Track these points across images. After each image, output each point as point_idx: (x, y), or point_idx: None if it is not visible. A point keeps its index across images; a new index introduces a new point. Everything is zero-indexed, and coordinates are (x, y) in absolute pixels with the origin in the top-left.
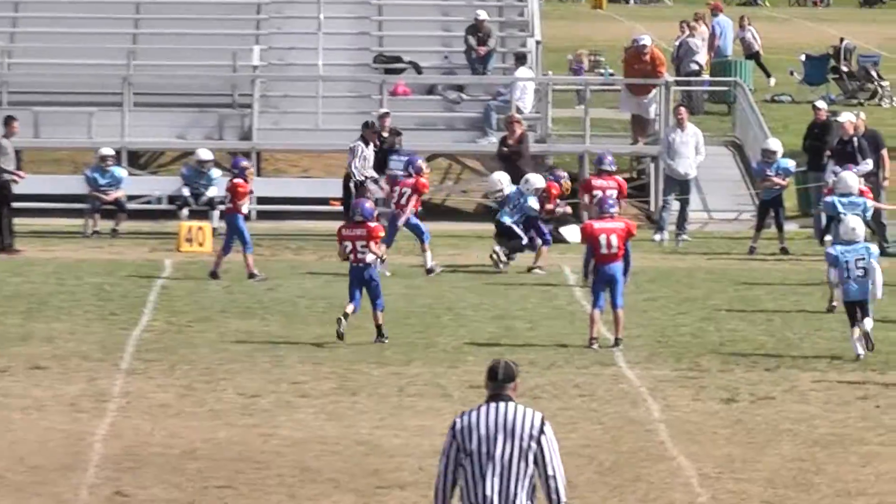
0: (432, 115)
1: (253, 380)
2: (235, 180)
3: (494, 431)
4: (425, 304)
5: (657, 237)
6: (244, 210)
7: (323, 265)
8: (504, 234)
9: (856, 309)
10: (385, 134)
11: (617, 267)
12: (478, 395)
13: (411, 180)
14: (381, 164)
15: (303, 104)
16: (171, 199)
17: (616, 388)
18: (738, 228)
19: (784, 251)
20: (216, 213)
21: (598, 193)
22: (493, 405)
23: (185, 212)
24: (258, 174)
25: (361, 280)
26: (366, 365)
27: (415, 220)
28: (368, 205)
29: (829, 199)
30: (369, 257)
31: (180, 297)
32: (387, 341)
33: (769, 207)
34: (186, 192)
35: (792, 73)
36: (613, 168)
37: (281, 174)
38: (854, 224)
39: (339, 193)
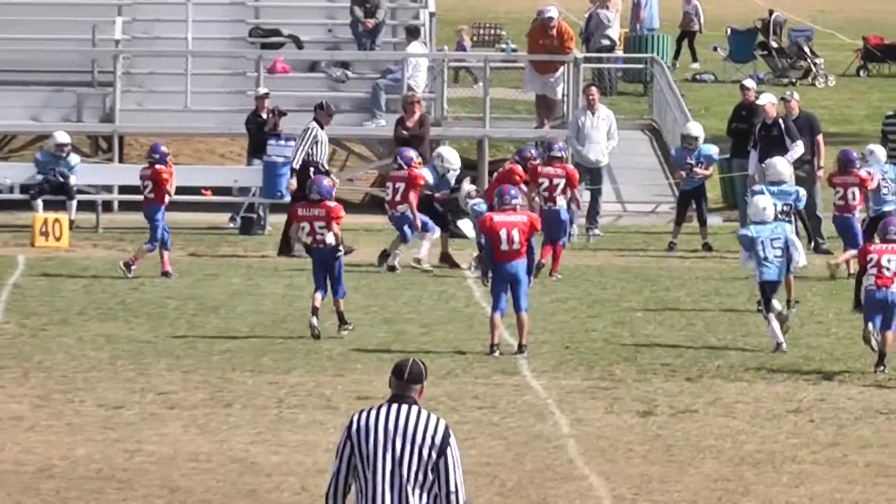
0: (315, 94)
1: (115, 390)
2: (158, 167)
3: (393, 436)
4: (306, 306)
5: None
6: (167, 201)
7: (193, 263)
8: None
9: (771, 292)
10: (264, 115)
11: (520, 265)
12: (364, 406)
13: (402, 172)
14: (258, 149)
15: (170, 82)
16: (25, 189)
17: (520, 399)
18: (656, 222)
19: (707, 247)
20: (74, 204)
21: (545, 182)
22: (394, 406)
23: (39, 202)
24: (120, 160)
25: (324, 263)
26: (241, 373)
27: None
28: (326, 182)
29: (757, 187)
30: (329, 237)
31: (34, 298)
32: (352, 329)
33: (690, 199)
34: (41, 179)
35: (716, 49)
36: (563, 154)
37: (145, 161)
38: (764, 203)
39: (215, 182)
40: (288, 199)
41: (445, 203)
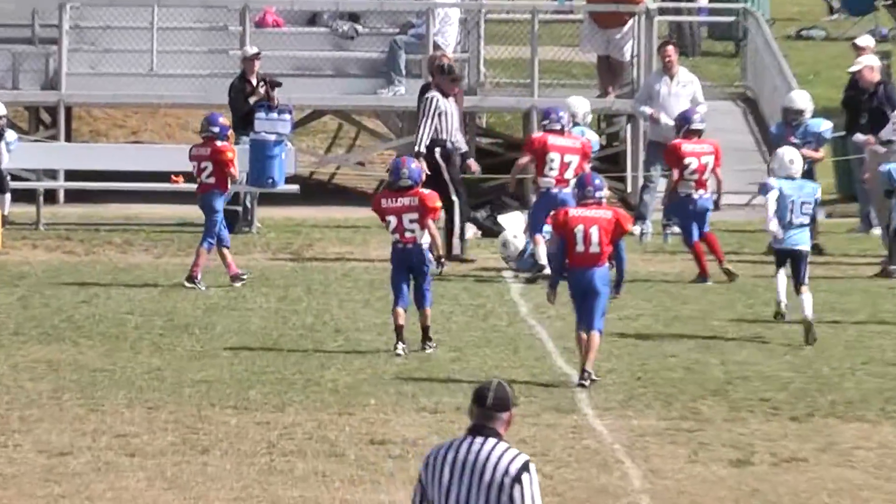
0: (315, 55)
1: (60, 431)
2: (218, 143)
3: (460, 475)
4: (304, 325)
5: (637, 229)
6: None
7: (160, 268)
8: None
9: (786, 260)
10: (253, 81)
11: (598, 274)
12: (380, 454)
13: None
14: (245, 125)
15: (131, 39)
16: None
17: (579, 444)
18: (751, 217)
19: (817, 250)
20: (7, 198)
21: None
22: (468, 440)
23: None
24: (67, 137)
25: (410, 267)
26: (221, 410)
27: None
28: (415, 165)
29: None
30: (423, 236)
31: None
32: (435, 348)
33: None
34: None
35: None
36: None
37: (100, 138)
38: (791, 156)
39: (189, 167)
40: (282, 186)
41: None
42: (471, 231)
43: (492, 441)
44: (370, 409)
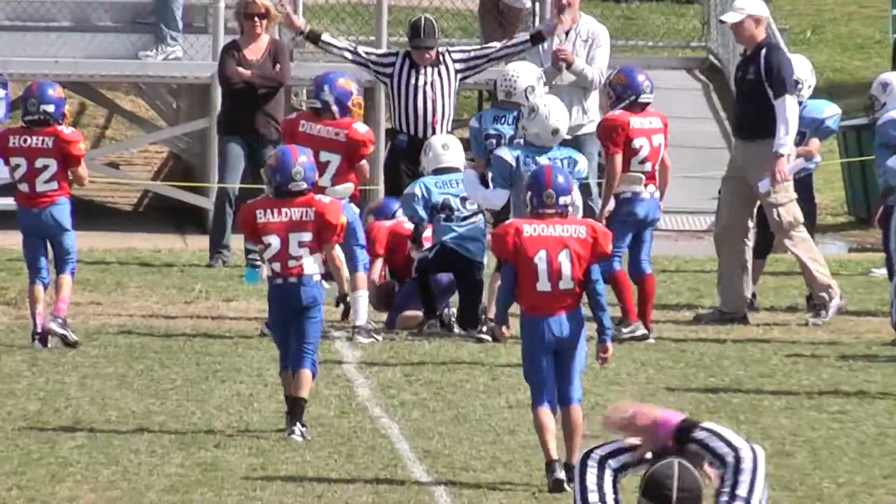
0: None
1: None
2: (62, 129)
3: None
4: (26, 413)
5: None
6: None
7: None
8: None
9: None
10: None
11: (571, 320)
12: None
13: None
14: None
15: None
16: None
17: None
18: (713, 251)
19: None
20: None
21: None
22: None
23: None
24: None
25: (295, 311)
26: None
27: None
28: (307, 157)
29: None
30: (314, 267)
31: None
32: (304, 435)
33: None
34: None
35: None
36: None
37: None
38: None
39: None
40: None
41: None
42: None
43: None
44: None
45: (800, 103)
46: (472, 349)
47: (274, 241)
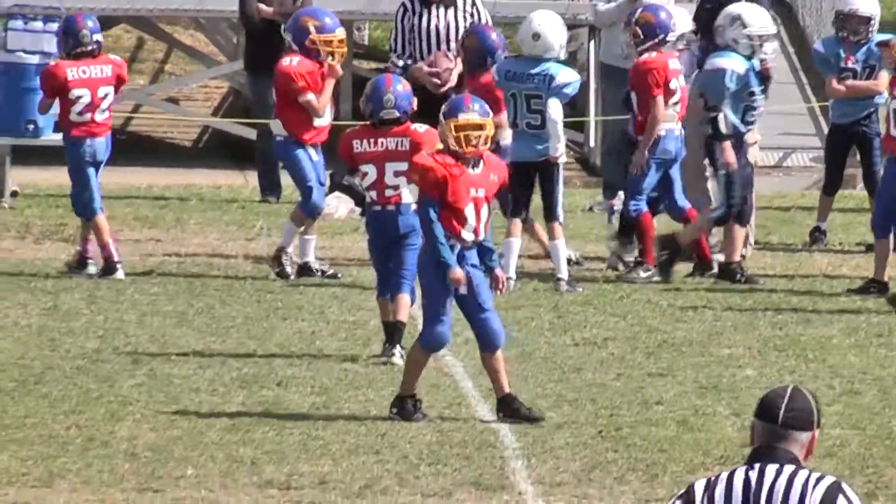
0: None
1: None
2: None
3: None
4: (85, 351)
5: (603, 203)
6: None
7: None
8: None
9: None
10: None
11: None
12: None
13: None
14: None
15: None
16: None
17: None
18: (786, 187)
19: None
20: None
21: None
22: (757, 468)
23: None
24: None
25: (392, 239)
26: None
27: None
28: (403, 87)
29: None
30: (407, 193)
31: None
32: (401, 356)
33: (850, 141)
34: None
35: None
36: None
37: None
38: None
39: None
40: (49, 135)
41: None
42: (343, 208)
43: (789, 468)
44: (186, 484)
45: (867, 40)
46: (536, 286)
47: (371, 170)
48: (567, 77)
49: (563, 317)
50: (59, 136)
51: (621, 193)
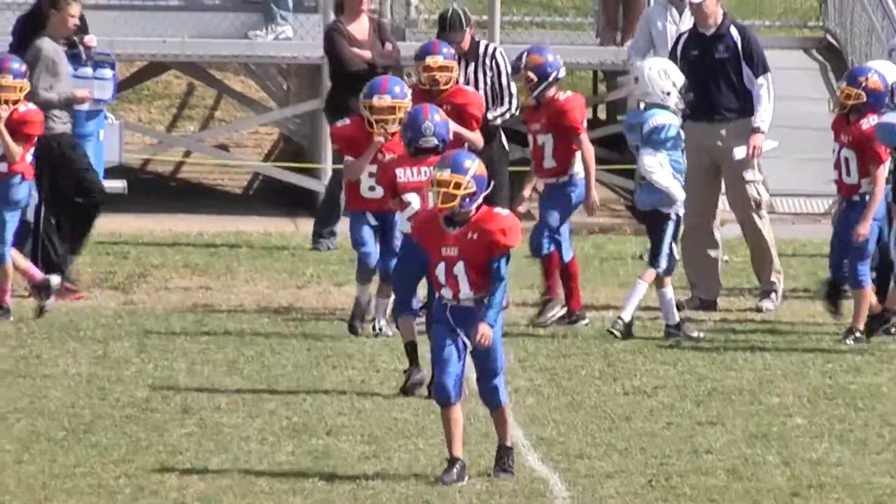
0: None
1: None
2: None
3: None
4: (135, 400)
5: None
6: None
7: None
8: None
9: None
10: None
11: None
12: None
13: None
14: None
15: None
16: None
17: None
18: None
19: None
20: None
21: None
22: None
23: None
24: None
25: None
26: None
27: None
28: (440, 116)
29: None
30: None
31: None
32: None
33: None
34: None
35: None
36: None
37: None
38: None
39: None
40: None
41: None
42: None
43: None
44: None
45: None
46: (586, 335)
47: (414, 199)
48: (658, 121)
49: (613, 365)
50: (115, 184)
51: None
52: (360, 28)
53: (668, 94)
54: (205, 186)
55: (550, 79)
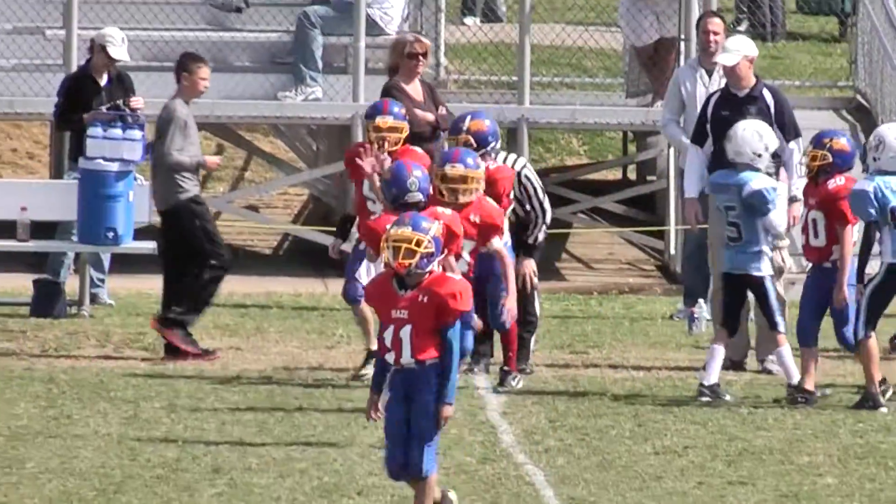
0: (182, 37)
1: None
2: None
3: None
4: (165, 461)
5: (684, 311)
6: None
7: None
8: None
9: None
10: (102, 80)
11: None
12: None
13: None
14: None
15: None
16: None
17: None
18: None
19: None
20: None
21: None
22: None
23: None
24: None
25: None
26: None
27: None
28: (422, 172)
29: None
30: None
31: None
32: None
33: None
34: None
35: None
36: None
37: None
38: None
39: None
40: (129, 243)
41: None
42: None
43: None
44: None
45: None
46: (616, 393)
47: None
48: (756, 185)
49: (643, 425)
50: (139, 244)
51: (701, 301)
52: (415, 90)
53: (760, 156)
54: (234, 247)
55: (488, 147)
